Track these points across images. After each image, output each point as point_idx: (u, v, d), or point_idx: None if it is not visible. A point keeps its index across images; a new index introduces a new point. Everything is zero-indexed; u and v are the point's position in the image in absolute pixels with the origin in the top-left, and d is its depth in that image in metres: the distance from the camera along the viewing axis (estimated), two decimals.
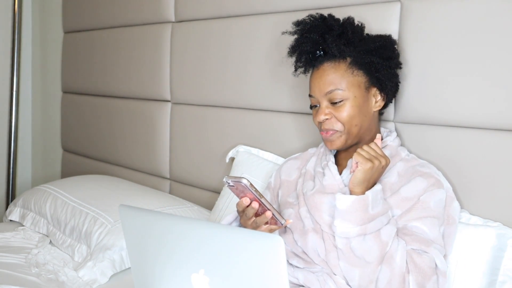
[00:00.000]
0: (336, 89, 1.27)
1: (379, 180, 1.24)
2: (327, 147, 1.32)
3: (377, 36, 1.35)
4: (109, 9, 2.40)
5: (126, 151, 2.37)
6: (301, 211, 1.28)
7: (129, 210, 1.02)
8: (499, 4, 1.27)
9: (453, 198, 1.27)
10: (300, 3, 1.68)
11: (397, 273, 1.12)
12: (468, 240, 1.25)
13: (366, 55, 1.29)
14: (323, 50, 1.31)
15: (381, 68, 1.30)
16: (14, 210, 2.07)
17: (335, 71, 1.28)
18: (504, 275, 1.24)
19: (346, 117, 1.27)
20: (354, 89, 1.28)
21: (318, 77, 1.30)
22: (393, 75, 1.34)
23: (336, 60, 1.29)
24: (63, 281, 1.56)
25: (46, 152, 3.04)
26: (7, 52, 2.94)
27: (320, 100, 1.30)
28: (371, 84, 1.31)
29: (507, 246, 1.24)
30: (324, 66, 1.30)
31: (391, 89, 1.34)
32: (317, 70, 1.32)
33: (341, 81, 1.27)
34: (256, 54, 1.80)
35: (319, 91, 1.29)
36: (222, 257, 0.86)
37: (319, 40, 1.31)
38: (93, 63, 2.52)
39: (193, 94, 2.04)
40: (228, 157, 1.83)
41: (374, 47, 1.31)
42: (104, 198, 1.88)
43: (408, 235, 1.17)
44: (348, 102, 1.27)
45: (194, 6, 2.01)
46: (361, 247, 1.13)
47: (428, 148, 1.40)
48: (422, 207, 1.20)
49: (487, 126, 1.31)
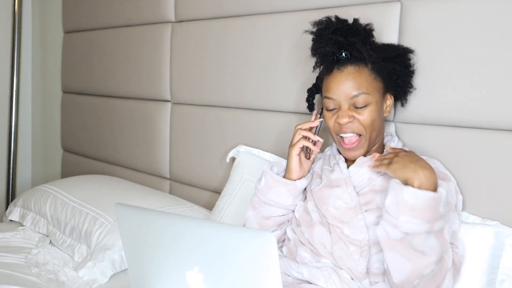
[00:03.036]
0: (362, 93, 1.26)
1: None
2: (347, 156, 1.32)
3: (395, 45, 1.39)
4: (109, 9, 2.40)
5: (126, 151, 2.37)
6: (309, 205, 1.31)
7: (125, 209, 1.02)
8: (499, 4, 1.27)
9: (458, 191, 1.29)
10: (300, 3, 1.68)
11: (444, 269, 1.12)
12: (466, 239, 1.26)
13: (389, 62, 1.31)
14: (349, 53, 1.30)
15: (402, 75, 1.33)
16: (14, 210, 2.07)
17: (360, 75, 1.28)
18: (503, 274, 1.24)
19: (369, 121, 1.27)
20: (376, 94, 1.29)
21: (343, 80, 1.28)
22: (410, 82, 1.38)
23: (359, 64, 1.29)
24: (63, 281, 1.56)
25: (46, 152, 3.04)
26: (7, 52, 2.94)
27: (341, 103, 1.28)
28: (386, 91, 1.33)
29: (505, 245, 1.25)
30: (348, 69, 1.28)
31: (405, 96, 1.38)
32: (339, 73, 1.29)
33: (367, 85, 1.27)
34: (257, 53, 1.80)
35: (344, 94, 1.27)
36: (216, 254, 0.87)
37: (344, 42, 1.29)
38: (93, 63, 2.52)
39: (193, 94, 2.04)
40: (229, 157, 1.84)
41: (395, 55, 1.33)
42: (104, 198, 1.88)
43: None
44: (371, 106, 1.28)
45: (194, 6, 2.01)
46: (424, 243, 1.09)
47: (428, 148, 1.40)
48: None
49: (487, 126, 1.31)
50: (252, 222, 1.38)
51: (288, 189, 1.33)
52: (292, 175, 1.35)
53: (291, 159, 1.35)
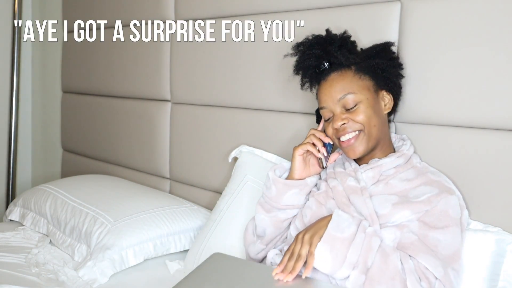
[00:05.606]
0: (347, 93, 1.29)
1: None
2: (350, 156, 1.33)
3: (374, 45, 1.40)
4: (109, 9, 2.40)
5: (126, 151, 2.37)
6: (330, 204, 1.32)
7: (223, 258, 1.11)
8: (499, 4, 1.27)
9: (464, 207, 1.27)
10: (300, 3, 1.68)
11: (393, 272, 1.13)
12: (467, 245, 1.25)
13: (370, 60, 1.33)
14: (328, 62, 1.34)
15: (387, 67, 1.34)
16: (14, 209, 2.07)
17: (343, 78, 1.31)
18: (504, 281, 1.22)
19: (364, 117, 1.29)
20: (365, 92, 1.31)
21: (328, 87, 1.33)
22: (398, 74, 1.38)
23: (341, 69, 1.33)
24: (63, 281, 1.56)
25: (46, 152, 3.04)
26: (7, 52, 2.94)
27: (333, 109, 1.32)
28: (379, 88, 1.34)
29: (506, 252, 1.23)
30: (331, 77, 1.33)
31: (398, 88, 1.39)
32: (325, 82, 1.34)
33: (351, 85, 1.30)
34: (257, 53, 1.80)
35: (331, 99, 1.31)
36: None
37: (322, 54, 1.34)
38: (93, 63, 2.52)
39: (193, 94, 2.04)
40: (231, 157, 1.83)
41: (375, 52, 1.35)
42: (104, 198, 1.88)
43: (431, 249, 1.17)
44: (362, 104, 1.30)
45: (194, 6, 2.01)
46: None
47: (428, 148, 1.40)
48: (441, 216, 1.20)
49: (488, 126, 1.31)
50: (268, 224, 1.40)
51: (300, 189, 1.37)
52: (295, 175, 1.38)
53: (294, 159, 1.38)
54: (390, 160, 1.31)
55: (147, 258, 1.69)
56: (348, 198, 1.29)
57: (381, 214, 1.23)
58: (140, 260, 1.66)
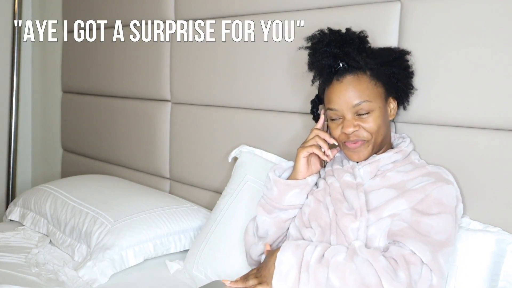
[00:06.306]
0: (364, 101, 1.28)
1: None
2: (353, 159, 1.33)
3: (392, 48, 1.38)
4: (109, 9, 2.40)
5: (126, 151, 2.37)
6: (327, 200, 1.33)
7: None
8: (499, 4, 1.27)
9: (460, 200, 1.27)
10: (300, 3, 1.68)
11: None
12: (467, 245, 1.25)
13: (387, 67, 1.32)
14: (345, 62, 1.31)
15: (402, 78, 1.34)
16: (14, 209, 2.07)
17: (360, 83, 1.29)
18: (504, 281, 1.22)
19: (374, 127, 1.29)
20: (378, 100, 1.30)
21: (344, 90, 1.29)
22: (411, 86, 1.38)
23: (357, 72, 1.30)
24: (63, 281, 1.56)
25: (46, 152, 3.04)
26: (7, 52, 2.94)
27: (345, 113, 1.30)
28: (388, 95, 1.34)
29: (506, 252, 1.23)
30: (346, 79, 1.30)
31: (407, 98, 1.39)
32: (339, 83, 1.30)
33: (367, 92, 1.28)
34: (257, 53, 1.80)
35: (345, 104, 1.29)
36: None
37: (340, 53, 1.31)
38: (93, 63, 2.52)
39: (193, 94, 2.04)
40: (231, 156, 1.83)
41: (392, 59, 1.34)
42: (104, 198, 1.88)
43: (422, 235, 1.17)
44: (374, 113, 1.29)
45: (194, 6, 2.01)
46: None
47: (428, 148, 1.40)
48: (435, 203, 1.20)
49: (488, 126, 1.30)
50: (270, 225, 1.40)
51: (301, 188, 1.37)
52: (298, 176, 1.38)
53: (299, 160, 1.37)
54: (388, 156, 1.31)
55: (147, 258, 1.69)
56: (342, 193, 1.29)
57: (377, 207, 1.23)
58: (140, 260, 1.66)
